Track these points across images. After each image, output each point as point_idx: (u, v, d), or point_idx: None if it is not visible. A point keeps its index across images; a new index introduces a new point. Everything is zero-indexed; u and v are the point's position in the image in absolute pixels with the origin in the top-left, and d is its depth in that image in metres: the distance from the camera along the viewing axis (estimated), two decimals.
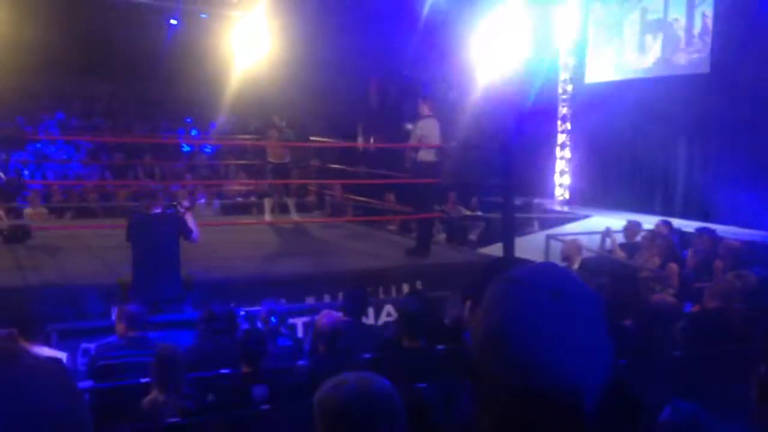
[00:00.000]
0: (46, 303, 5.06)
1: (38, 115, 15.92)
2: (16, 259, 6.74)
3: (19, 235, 7.51)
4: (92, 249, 7.42)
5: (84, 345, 5.06)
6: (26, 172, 13.84)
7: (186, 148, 16.40)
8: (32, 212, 10.54)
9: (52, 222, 10.54)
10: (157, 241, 5.85)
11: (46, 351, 4.23)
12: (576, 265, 7.42)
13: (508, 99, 8.12)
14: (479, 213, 11.82)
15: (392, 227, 10.38)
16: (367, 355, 4.36)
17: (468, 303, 5.24)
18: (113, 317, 5.31)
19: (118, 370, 4.19)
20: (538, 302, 0.88)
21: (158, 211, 6.18)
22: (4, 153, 12.82)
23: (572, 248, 7.76)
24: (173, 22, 15.14)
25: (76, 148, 15.33)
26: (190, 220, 6.05)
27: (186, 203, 6.38)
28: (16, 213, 10.67)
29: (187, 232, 5.97)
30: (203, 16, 14.57)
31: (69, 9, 13.74)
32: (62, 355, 4.30)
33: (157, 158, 15.20)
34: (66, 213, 11.88)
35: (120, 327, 4.51)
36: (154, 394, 3.72)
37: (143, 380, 3.89)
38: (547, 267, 0.98)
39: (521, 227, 11.33)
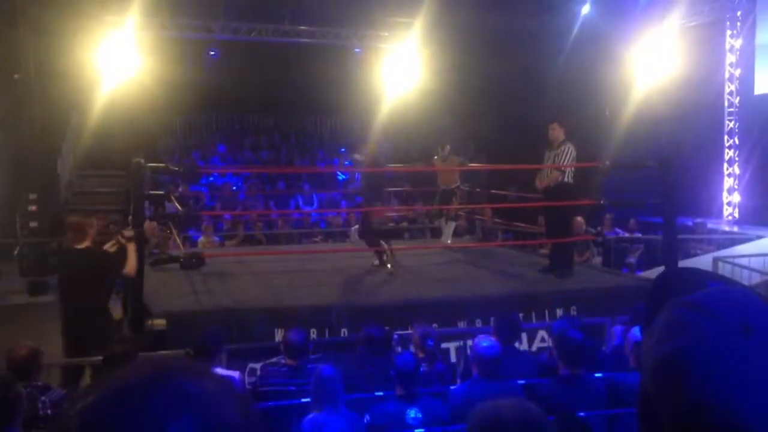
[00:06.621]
0: (218, 325, 5.45)
1: (211, 150, 17.34)
2: (192, 285, 7.31)
3: (194, 262, 8.16)
4: (258, 274, 7.91)
5: (251, 365, 5.39)
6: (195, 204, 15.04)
7: (341, 177, 17.08)
8: (205, 241, 11.41)
9: (222, 249, 11.34)
10: (78, 277, 5.75)
11: (219, 371, 4.57)
12: None
13: (667, 114, 7.74)
14: (638, 235, 11.27)
15: (544, 251, 10.16)
16: (521, 382, 4.30)
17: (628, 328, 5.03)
18: (277, 338, 5.63)
19: (279, 397, 4.37)
20: (724, 337, 0.78)
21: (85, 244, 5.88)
22: (181, 186, 14.04)
23: None
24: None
25: (243, 180, 16.46)
26: (130, 252, 5.90)
27: (128, 233, 6.03)
28: (191, 241, 11.62)
29: (114, 267, 5.85)
30: (357, 51, 15.21)
31: (232, 52, 14.87)
32: (235, 374, 4.60)
33: (315, 187, 15.95)
34: (233, 240, 12.74)
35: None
36: (314, 414, 3.89)
37: (303, 401, 4.09)
38: (737, 295, 0.84)
39: (685, 249, 10.68)
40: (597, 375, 4.45)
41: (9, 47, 11.73)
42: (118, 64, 11.94)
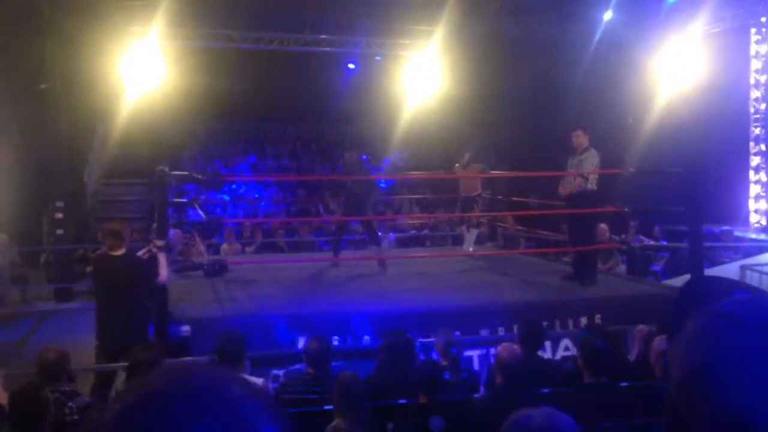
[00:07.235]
0: (242, 332, 5.47)
1: (234, 158, 17.48)
2: (215, 291, 7.37)
3: (217, 269, 8.23)
4: (280, 281, 7.94)
5: (274, 371, 5.42)
6: (221, 211, 15.16)
7: None
8: (227, 248, 11.49)
9: (245, 257, 11.41)
10: (118, 284, 5.62)
11: (244, 377, 4.58)
12: None
13: (692, 121, 7.66)
14: (663, 242, 11.15)
15: (567, 258, 10.08)
16: (546, 390, 4.27)
17: (651, 335, 4.98)
18: (299, 345, 5.65)
19: (301, 405, 4.37)
20: (752, 346, 0.77)
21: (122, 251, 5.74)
22: (204, 194, 14.17)
23: None
24: (351, 66, 16.04)
25: (265, 188, 16.58)
26: (161, 261, 5.82)
27: (160, 242, 5.97)
28: (214, 249, 11.71)
29: (150, 275, 5.72)
30: (378, 59, 15.25)
31: (254, 61, 14.98)
32: (260, 381, 4.61)
33: (336, 195, 15.99)
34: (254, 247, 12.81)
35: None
36: (336, 422, 3.89)
37: (326, 407, 4.09)
38: (763, 302, 0.84)
39: (712, 257, 10.55)
40: (622, 384, 4.40)
41: (35, 58, 11.94)
42: (142, 74, 12.09)
